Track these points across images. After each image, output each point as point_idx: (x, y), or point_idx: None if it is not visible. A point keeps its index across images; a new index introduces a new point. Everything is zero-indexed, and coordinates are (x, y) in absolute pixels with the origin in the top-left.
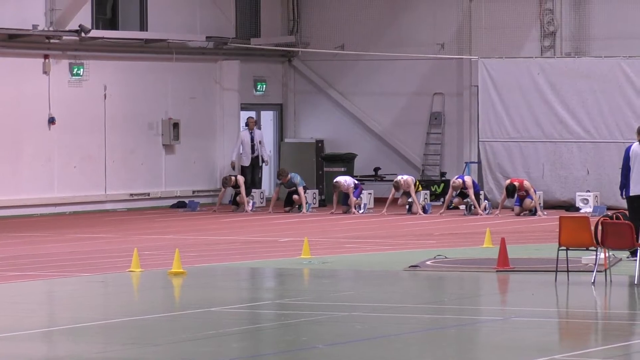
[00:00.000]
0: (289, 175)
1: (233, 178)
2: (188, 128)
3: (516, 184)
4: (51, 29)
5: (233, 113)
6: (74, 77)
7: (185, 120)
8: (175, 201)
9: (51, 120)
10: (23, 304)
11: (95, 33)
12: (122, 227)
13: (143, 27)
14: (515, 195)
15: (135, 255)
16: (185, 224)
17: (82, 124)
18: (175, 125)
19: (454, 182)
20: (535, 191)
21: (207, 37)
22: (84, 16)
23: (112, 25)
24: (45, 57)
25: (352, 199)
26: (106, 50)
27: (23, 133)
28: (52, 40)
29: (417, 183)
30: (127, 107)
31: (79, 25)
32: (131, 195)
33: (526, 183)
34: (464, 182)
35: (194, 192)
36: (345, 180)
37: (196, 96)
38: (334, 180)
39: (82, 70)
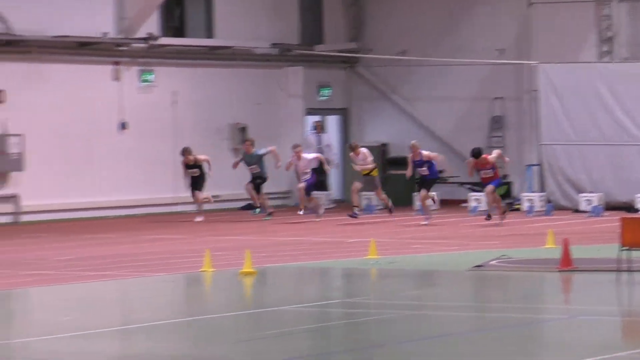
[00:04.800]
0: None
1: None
2: (254, 133)
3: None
4: (120, 36)
5: (297, 118)
6: (143, 83)
7: (251, 125)
8: (244, 203)
9: (123, 126)
10: (98, 303)
11: (163, 40)
12: (192, 228)
13: (210, 34)
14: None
15: (208, 256)
16: (254, 225)
17: (152, 129)
18: (242, 130)
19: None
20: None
21: (272, 44)
22: (152, 24)
23: (180, 32)
24: (115, 63)
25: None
26: (174, 57)
27: (95, 138)
28: (121, 48)
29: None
30: (195, 113)
31: (147, 33)
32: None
33: (490, 158)
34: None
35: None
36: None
37: (261, 102)
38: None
39: (151, 76)
